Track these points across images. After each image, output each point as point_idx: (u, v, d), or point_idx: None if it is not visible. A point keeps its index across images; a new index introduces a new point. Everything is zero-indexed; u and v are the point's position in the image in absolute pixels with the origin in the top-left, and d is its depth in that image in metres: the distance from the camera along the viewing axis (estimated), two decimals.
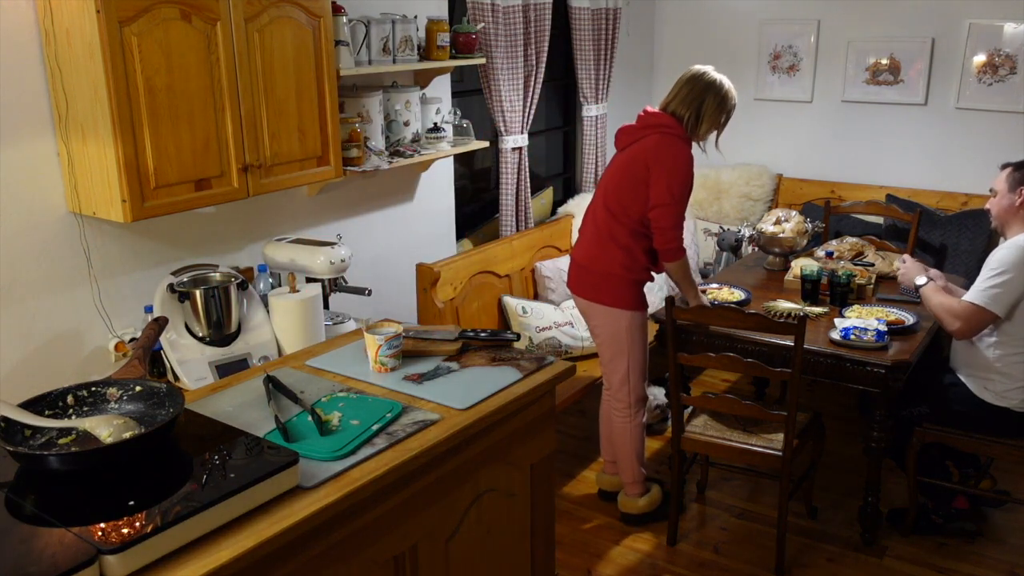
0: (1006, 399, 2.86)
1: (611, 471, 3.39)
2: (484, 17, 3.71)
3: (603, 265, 3.01)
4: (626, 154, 3.01)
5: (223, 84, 2.42)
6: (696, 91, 2.95)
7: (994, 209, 2.98)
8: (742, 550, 3.11)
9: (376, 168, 3.06)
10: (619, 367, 3.08)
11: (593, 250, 3.05)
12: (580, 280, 3.10)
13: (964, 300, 2.86)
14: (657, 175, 2.88)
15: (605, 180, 3.07)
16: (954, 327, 2.88)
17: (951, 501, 3.15)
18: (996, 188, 2.98)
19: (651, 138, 2.94)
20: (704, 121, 2.97)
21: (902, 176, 4.78)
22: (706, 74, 2.98)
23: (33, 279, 2.40)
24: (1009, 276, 2.76)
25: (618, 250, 2.98)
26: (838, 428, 3.90)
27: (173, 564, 1.30)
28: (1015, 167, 2.95)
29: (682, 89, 2.98)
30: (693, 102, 2.95)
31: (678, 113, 2.96)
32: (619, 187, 2.98)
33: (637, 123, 3.02)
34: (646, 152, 2.92)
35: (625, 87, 5.13)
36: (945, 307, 2.91)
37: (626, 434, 3.14)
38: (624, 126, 3.06)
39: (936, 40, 4.53)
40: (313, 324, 2.62)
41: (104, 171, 2.26)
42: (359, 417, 1.77)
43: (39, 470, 1.43)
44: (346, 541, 1.59)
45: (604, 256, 3.00)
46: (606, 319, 3.04)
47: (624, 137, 3.05)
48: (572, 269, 3.15)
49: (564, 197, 4.76)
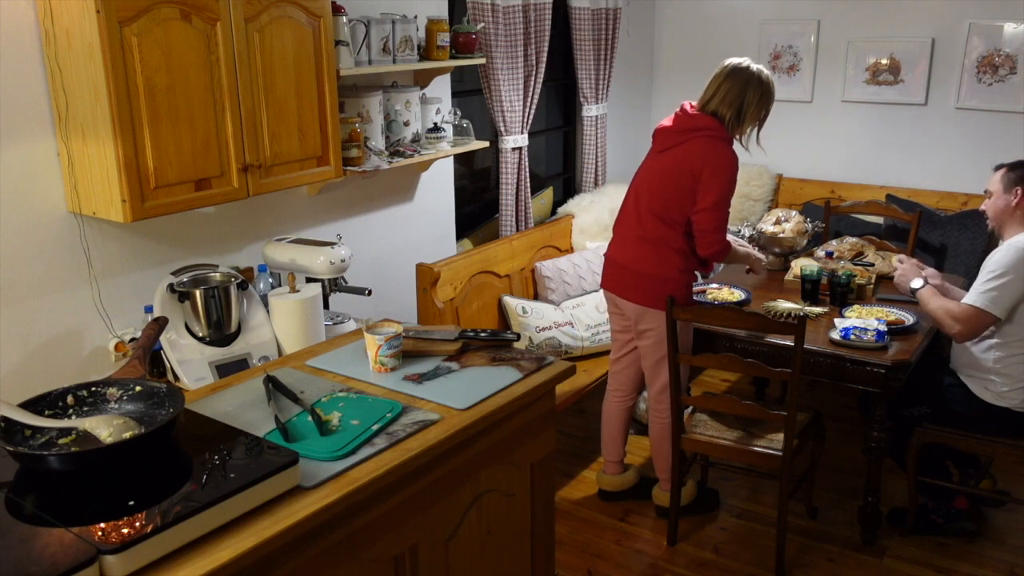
0: (1006, 399, 2.86)
1: (612, 471, 3.40)
2: (484, 17, 3.71)
3: (659, 269, 2.95)
4: (669, 158, 2.94)
5: (223, 84, 2.42)
6: (737, 88, 2.89)
7: (990, 210, 2.97)
8: (742, 550, 3.11)
9: (376, 168, 3.06)
10: (664, 370, 3.01)
11: (644, 254, 2.98)
12: (633, 285, 3.00)
13: (963, 303, 2.84)
14: (707, 182, 2.86)
15: (646, 183, 3.00)
16: (954, 330, 2.86)
17: (951, 501, 3.15)
18: (991, 189, 2.97)
19: (695, 143, 2.89)
20: (746, 119, 2.92)
21: (902, 176, 4.78)
22: (747, 67, 2.91)
23: (33, 279, 2.40)
24: (1008, 278, 2.76)
25: (674, 254, 2.95)
26: (838, 428, 3.90)
27: (173, 564, 1.30)
28: (1009, 167, 2.94)
29: (722, 85, 2.91)
30: (735, 100, 2.89)
31: (719, 112, 2.90)
32: (665, 193, 2.93)
33: (675, 124, 2.96)
34: (692, 159, 2.88)
35: (625, 87, 5.13)
36: (944, 310, 2.89)
37: (667, 433, 3.09)
38: (663, 127, 3.00)
39: (936, 40, 4.54)
40: (313, 324, 2.62)
41: (104, 171, 2.26)
42: (359, 417, 1.77)
43: (39, 470, 1.43)
44: (346, 541, 1.59)
45: (659, 260, 2.95)
46: (662, 322, 2.98)
47: (664, 139, 2.98)
48: (621, 274, 3.05)
49: (564, 197, 4.76)
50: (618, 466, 3.39)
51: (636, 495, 3.40)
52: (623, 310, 3.12)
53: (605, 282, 3.17)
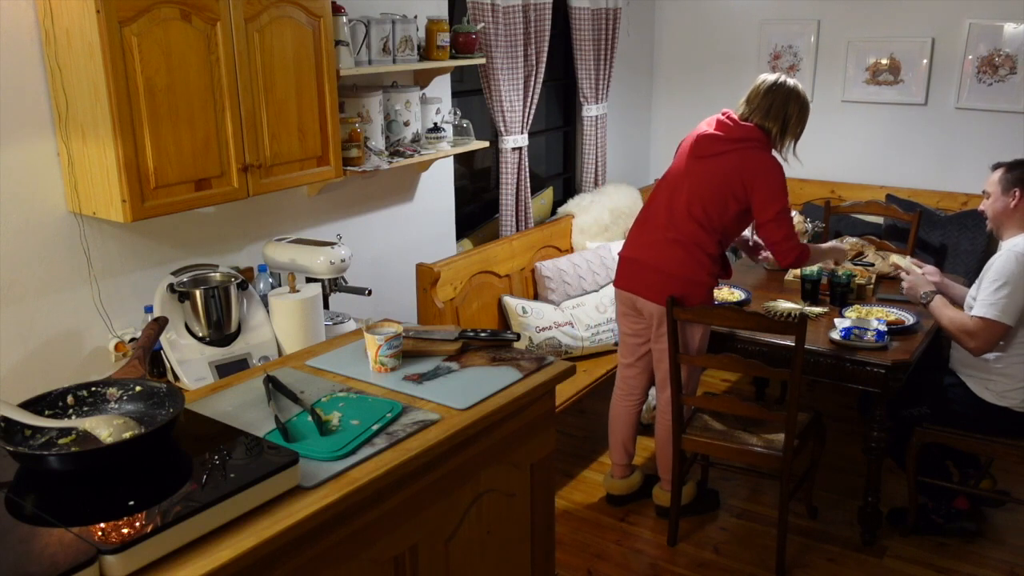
0: (1006, 399, 2.86)
1: (621, 474, 3.37)
2: (484, 17, 3.71)
3: (691, 272, 2.95)
4: (717, 166, 2.94)
5: (223, 84, 2.42)
6: (779, 102, 2.94)
7: (988, 211, 2.96)
8: (742, 550, 3.11)
9: (376, 168, 3.06)
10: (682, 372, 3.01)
11: (676, 256, 2.96)
12: (661, 285, 2.96)
13: (974, 316, 2.81)
14: (760, 193, 2.90)
15: (686, 187, 2.97)
16: (971, 345, 2.83)
17: (951, 501, 3.15)
18: (989, 190, 2.96)
19: (747, 153, 2.92)
20: (789, 132, 2.98)
21: (902, 176, 4.78)
22: (785, 82, 2.97)
23: (33, 279, 2.40)
24: (1011, 287, 2.74)
25: (706, 258, 2.95)
26: (838, 428, 3.90)
27: (173, 564, 1.30)
28: (1008, 168, 2.93)
29: (763, 101, 2.95)
30: (779, 114, 2.94)
31: (765, 126, 2.95)
32: (709, 199, 2.93)
33: (725, 132, 2.95)
34: (744, 170, 2.90)
35: (625, 87, 5.13)
36: (957, 324, 2.86)
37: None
38: (710, 134, 2.97)
39: (936, 40, 4.53)
40: (313, 324, 2.62)
41: (104, 171, 2.26)
42: (359, 417, 1.77)
43: (39, 470, 1.43)
44: (346, 541, 1.59)
45: (691, 263, 2.95)
46: (690, 328, 2.98)
47: (711, 145, 2.96)
48: (646, 274, 3.01)
49: (564, 197, 4.76)
50: (627, 469, 3.37)
51: (642, 496, 3.40)
52: (642, 311, 3.07)
53: (624, 282, 3.11)
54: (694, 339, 3.01)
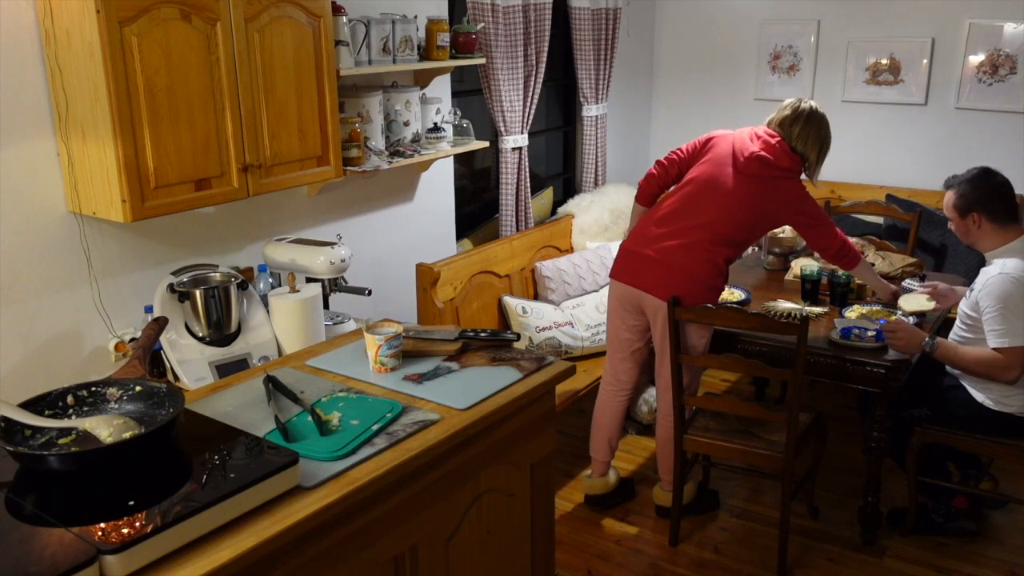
0: (1006, 405, 2.84)
1: (600, 472, 3.35)
2: (484, 17, 3.71)
3: (707, 277, 2.95)
4: (757, 188, 2.95)
5: (223, 84, 2.42)
6: (814, 131, 3.01)
7: (957, 233, 2.96)
8: (743, 550, 3.11)
9: (376, 168, 3.06)
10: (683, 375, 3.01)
11: (687, 257, 2.95)
12: (669, 282, 2.94)
13: (994, 347, 2.74)
14: (804, 220, 3.03)
15: (716, 199, 2.96)
16: (1008, 377, 2.74)
17: (951, 501, 3.15)
18: (947, 215, 2.96)
19: (789, 183, 2.99)
20: (820, 161, 3.06)
21: (902, 176, 4.78)
22: (816, 109, 3.04)
23: (33, 279, 2.40)
24: (1012, 309, 2.72)
25: (723, 265, 3.00)
26: (838, 428, 3.89)
27: (173, 564, 1.30)
28: (956, 193, 2.90)
29: (803, 129, 2.99)
30: (816, 142, 3.01)
31: (806, 154, 3.01)
32: (743, 219, 2.97)
33: (775, 157, 2.94)
34: (784, 200, 2.99)
35: (625, 87, 5.13)
36: (985, 362, 2.76)
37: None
38: (760, 156, 2.94)
39: (936, 40, 4.54)
40: (313, 324, 2.62)
41: (104, 171, 2.26)
42: (359, 417, 1.77)
43: (39, 470, 1.43)
44: (346, 541, 1.59)
45: (708, 269, 2.95)
46: (696, 329, 2.99)
47: (760, 168, 2.94)
48: (654, 269, 2.97)
49: (564, 197, 4.76)
50: (606, 466, 3.35)
51: (621, 497, 3.39)
52: (644, 306, 3.03)
53: (627, 276, 3.05)
54: (702, 339, 3.01)
